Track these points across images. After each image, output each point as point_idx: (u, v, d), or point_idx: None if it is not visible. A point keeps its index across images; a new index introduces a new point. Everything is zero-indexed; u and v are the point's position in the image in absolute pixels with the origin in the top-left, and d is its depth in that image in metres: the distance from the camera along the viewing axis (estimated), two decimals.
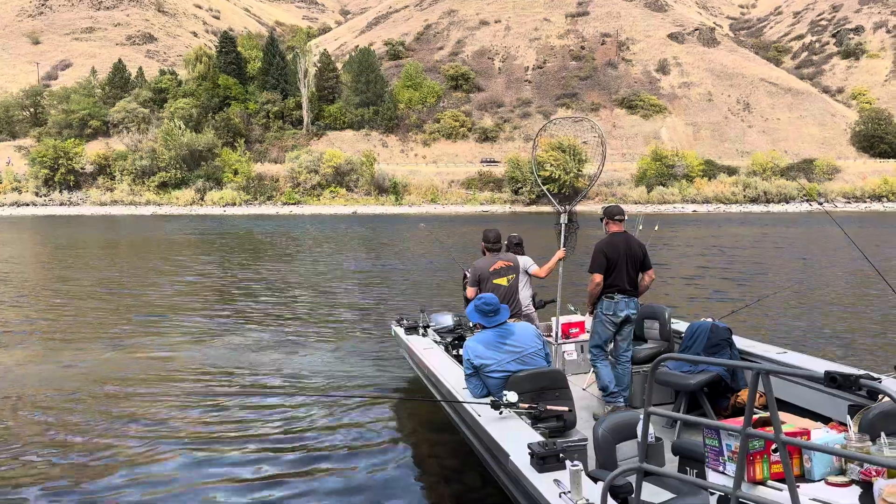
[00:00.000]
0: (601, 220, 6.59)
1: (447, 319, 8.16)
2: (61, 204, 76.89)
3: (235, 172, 77.68)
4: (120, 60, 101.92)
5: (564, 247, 7.00)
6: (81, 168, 79.59)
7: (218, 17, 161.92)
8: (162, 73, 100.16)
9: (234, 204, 74.83)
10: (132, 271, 21.51)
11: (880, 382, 4.76)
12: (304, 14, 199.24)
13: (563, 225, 7.10)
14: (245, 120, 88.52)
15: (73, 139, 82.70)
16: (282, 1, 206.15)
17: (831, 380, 2.32)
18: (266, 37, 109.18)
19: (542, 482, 3.60)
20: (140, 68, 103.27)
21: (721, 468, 2.99)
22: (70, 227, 48.24)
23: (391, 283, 18.44)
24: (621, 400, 6.34)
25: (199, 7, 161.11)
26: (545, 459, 3.71)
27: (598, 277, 6.37)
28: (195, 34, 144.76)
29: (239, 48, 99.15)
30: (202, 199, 75.79)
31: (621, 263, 6.35)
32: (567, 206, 7.16)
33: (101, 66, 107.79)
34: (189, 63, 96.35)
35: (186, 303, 15.27)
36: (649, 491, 3.74)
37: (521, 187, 74.49)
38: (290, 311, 14.09)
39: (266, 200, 76.48)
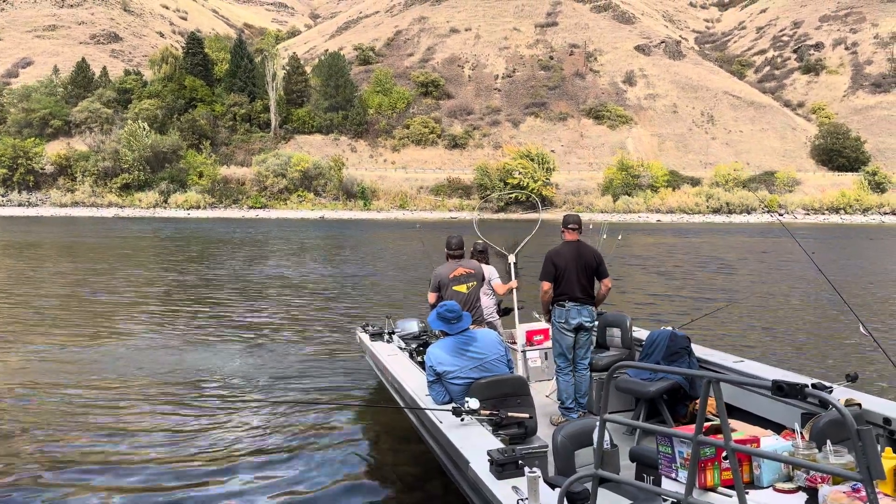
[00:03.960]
0: (560, 229, 6.72)
1: (413, 326, 8.19)
2: (20, 205, 75.12)
3: (200, 175, 76.66)
4: (83, 59, 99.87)
5: (517, 278, 7.83)
6: (41, 168, 77.83)
7: (185, 18, 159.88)
8: (127, 73, 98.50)
9: (198, 207, 73.85)
10: (92, 274, 21.09)
11: (832, 391, 4.91)
12: (273, 17, 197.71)
13: (512, 265, 7.87)
14: (211, 122, 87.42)
15: (33, 138, 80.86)
16: (251, 3, 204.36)
17: (778, 389, 2.39)
18: (234, 39, 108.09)
19: (501, 489, 3.62)
20: (104, 68, 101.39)
21: (674, 475, 3.06)
22: (28, 227, 47.12)
23: (357, 288, 18.37)
24: (575, 415, 6.44)
25: (167, 7, 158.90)
26: (504, 466, 3.73)
27: (546, 285, 6.53)
28: (161, 34, 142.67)
29: (206, 49, 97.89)
30: (166, 201, 74.65)
31: (570, 272, 6.45)
32: (512, 253, 8.07)
33: (63, 65, 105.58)
34: (155, 64, 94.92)
35: (146, 308, 15.01)
36: (607, 498, 3.79)
37: (490, 194, 74.90)
38: (253, 315, 13.96)
39: (231, 204, 75.61)
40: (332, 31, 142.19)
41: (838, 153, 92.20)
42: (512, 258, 7.93)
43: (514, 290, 7.73)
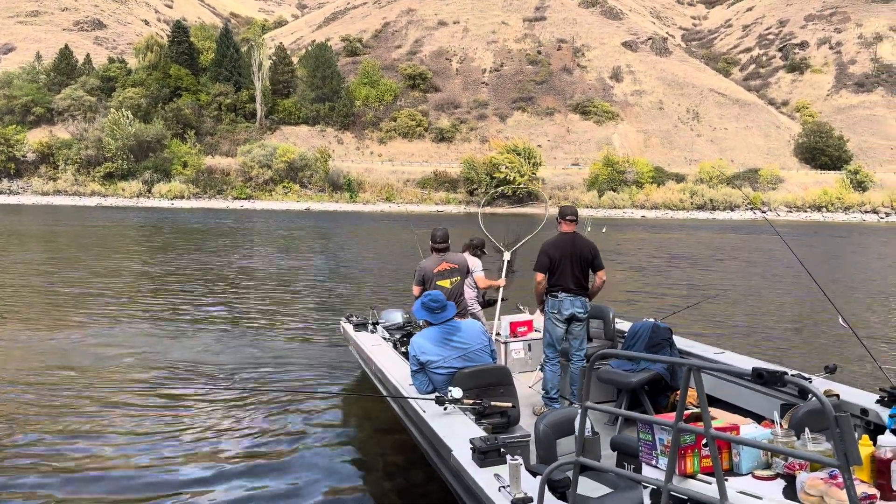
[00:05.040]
0: (556, 220, 6.73)
1: (397, 316, 8.17)
2: (0, 192, 74.20)
3: (185, 165, 76.00)
4: (66, 46, 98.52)
5: (506, 277, 7.73)
6: (23, 156, 76.85)
7: (171, 6, 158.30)
8: (111, 60, 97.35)
9: (182, 197, 73.25)
10: (62, 263, 20.88)
11: (811, 382, 4.97)
12: (259, 6, 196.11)
13: (504, 262, 7.80)
14: (196, 111, 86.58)
15: (14, 126, 79.73)
16: None
17: (758, 376, 2.41)
18: (220, 28, 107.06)
19: (483, 477, 3.63)
20: (88, 55, 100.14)
21: (654, 462, 3.08)
22: (5, 215, 46.54)
23: (341, 279, 18.33)
24: (557, 405, 6.45)
25: None
26: (486, 454, 3.75)
27: (541, 276, 6.55)
28: (146, 22, 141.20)
29: (192, 38, 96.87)
30: (149, 191, 73.97)
31: (565, 263, 6.47)
32: (509, 249, 7.94)
33: (46, 52, 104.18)
34: (139, 51, 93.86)
35: (126, 296, 14.89)
36: (588, 485, 3.82)
37: (476, 188, 74.88)
38: (236, 305, 13.89)
39: (216, 194, 75.06)
40: (319, 21, 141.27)
41: (821, 152, 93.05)
42: (507, 256, 7.85)
43: (501, 289, 7.70)
